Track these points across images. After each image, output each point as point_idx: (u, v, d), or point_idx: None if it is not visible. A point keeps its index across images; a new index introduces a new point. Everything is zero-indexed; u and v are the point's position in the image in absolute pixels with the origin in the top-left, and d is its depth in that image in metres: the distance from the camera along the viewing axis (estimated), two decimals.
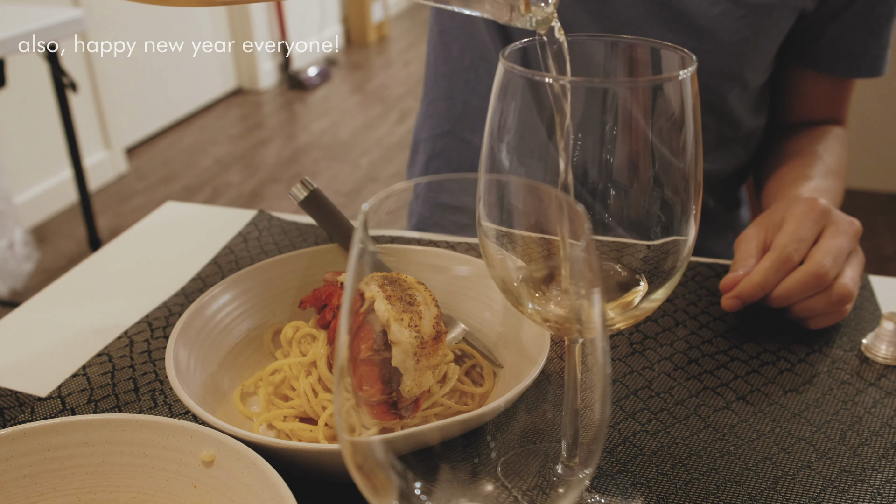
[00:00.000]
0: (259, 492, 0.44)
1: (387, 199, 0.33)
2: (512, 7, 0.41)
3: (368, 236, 0.31)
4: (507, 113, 0.41)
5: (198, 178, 3.24)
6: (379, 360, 0.46)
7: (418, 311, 0.48)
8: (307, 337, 0.60)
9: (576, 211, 0.33)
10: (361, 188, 3.15)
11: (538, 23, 0.41)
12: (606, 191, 0.41)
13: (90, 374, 0.62)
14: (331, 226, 0.68)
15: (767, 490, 0.52)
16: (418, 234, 0.85)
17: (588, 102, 0.39)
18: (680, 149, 0.40)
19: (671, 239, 0.42)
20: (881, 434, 0.57)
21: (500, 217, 0.42)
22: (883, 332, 0.65)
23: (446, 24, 0.98)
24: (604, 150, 0.41)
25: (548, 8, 0.41)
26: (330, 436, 0.54)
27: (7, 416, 0.58)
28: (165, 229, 0.88)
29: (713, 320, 0.70)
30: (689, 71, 0.39)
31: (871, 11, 0.87)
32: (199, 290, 0.73)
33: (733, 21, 0.83)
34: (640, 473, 0.53)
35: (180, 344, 0.56)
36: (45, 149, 2.87)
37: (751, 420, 0.58)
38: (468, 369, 0.57)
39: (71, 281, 0.78)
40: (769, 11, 0.84)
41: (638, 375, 0.63)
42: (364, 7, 5.09)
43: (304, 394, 0.56)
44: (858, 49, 0.90)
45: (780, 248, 0.66)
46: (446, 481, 0.40)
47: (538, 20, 0.41)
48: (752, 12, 0.83)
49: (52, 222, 2.88)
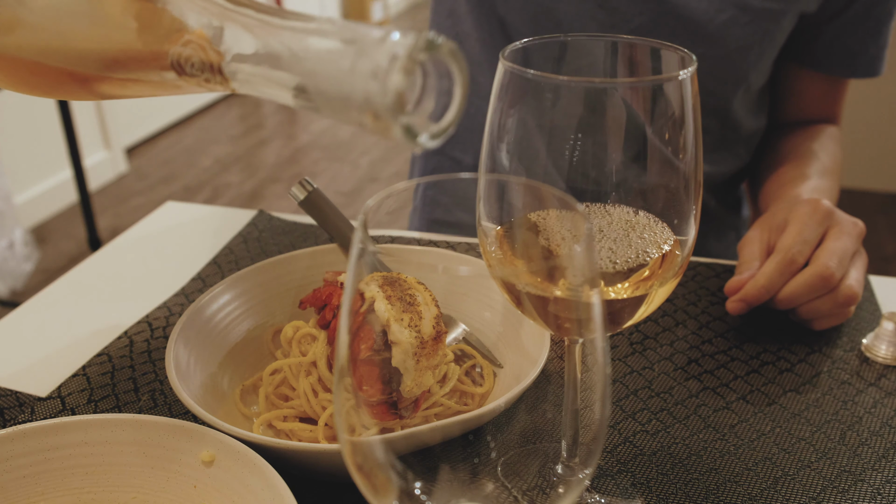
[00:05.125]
0: (259, 492, 0.44)
1: (387, 199, 0.33)
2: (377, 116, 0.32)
3: (368, 236, 0.31)
4: (507, 113, 0.41)
5: (198, 178, 3.24)
6: (379, 360, 0.46)
7: (418, 311, 0.48)
8: (307, 337, 0.60)
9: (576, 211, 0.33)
10: (361, 188, 3.15)
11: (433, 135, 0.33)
12: (606, 191, 0.41)
13: (90, 374, 0.62)
14: (331, 226, 0.68)
15: (767, 490, 0.52)
16: (418, 235, 0.85)
17: (588, 102, 0.39)
18: (680, 149, 0.40)
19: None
20: (881, 434, 0.57)
21: (499, 217, 0.42)
22: (883, 332, 0.65)
23: None
24: (604, 150, 0.41)
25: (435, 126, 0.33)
26: (330, 436, 0.54)
27: (7, 416, 0.58)
28: (165, 229, 0.88)
29: (713, 320, 0.70)
30: (689, 71, 0.39)
31: (869, 12, 0.87)
32: (199, 290, 0.73)
33: (740, 27, 0.83)
34: (640, 473, 0.53)
35: (180, 344, 0.56)
36: (45, 149, 2.87)
37: (751, 420, 0.58)
38: (468, 369, 0.57)
39: (71, 281, 0.78)
40: (775, 16, 0.84)
41: (638, 375, 0.63)
42: (364, 7, 5.09)
43: (304, 394, 0.56)
44: (857, 49, 0.90)
45: (785, 250, 0.65)
46: (446, 481, 0.40)
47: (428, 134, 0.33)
48: (758, 18, 0.83)
49: (52, 222, 2.88)
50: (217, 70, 0.37)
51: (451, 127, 0.33)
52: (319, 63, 0.33)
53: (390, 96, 0.31)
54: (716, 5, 0.82)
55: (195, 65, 0.37)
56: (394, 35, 0.31)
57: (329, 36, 0.33)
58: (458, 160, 0.98)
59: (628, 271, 0.41)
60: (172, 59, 0.38)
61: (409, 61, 0.31)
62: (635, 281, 0.41)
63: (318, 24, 0.34)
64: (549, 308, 0.38)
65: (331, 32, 0.33)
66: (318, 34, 0.33)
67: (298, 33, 0.34)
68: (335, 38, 0.33)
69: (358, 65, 0.31)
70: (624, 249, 0.41)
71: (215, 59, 0.36)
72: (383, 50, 0.31)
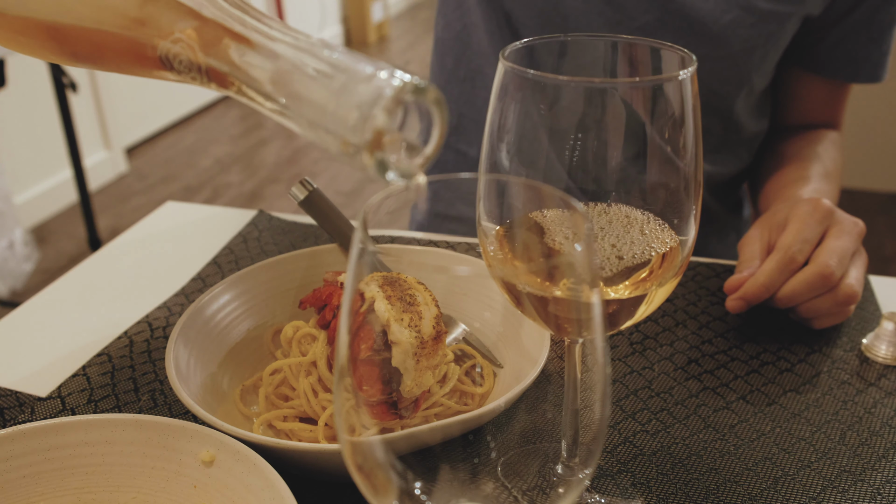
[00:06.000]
0: (259, 492, 0.44)
1: (387, 199, 0.33)
2: (352, 148, 0.32)
3: (368, 236, 0.31)
4: (507, 113, 0.41)
5: (198, 178, 3.24)
6: (379, 360, 0.46)
7: (418, 311, 0.48)
8: (307, 337, 0.60)
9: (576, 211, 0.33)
10: (361, 188, 3.15)
11: (402, 174, 0.33)
12: (607, 191, 0.41)
13: (90, 374, 0.62)
14: (331, 226, 0.68)
15: (767, 490, 0.52)
16: (418, 235, 0.85)
17: (588, 102, 0.39)
18: (680, 149, 0.40)
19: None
20: (881, 434, 0.57)
21: (499, 217, 0.42)
22: (883, 332, 0.65)
23: (440, 35, 0.98)
24: (604, 150, 0.41)
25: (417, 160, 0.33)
26: (330, 436, 0.54)
27: (7, 416, 0.58)
28: (165, 229, 0.88)
29: (713, 320, 0.70)
30: (689, 71, 0.39)
31: (872, 17, 0.87)
32: (199, 290, 0.73)
33: (745, 28, 0.83)
34: (640, 473, 0.53)
35: (180, 344, 0.56)
36: (45, 149, 2.87)
37: (751, 420, 0.58)
38: (468, 369, 0.57)
39: (71, 281, 0.78)
40: (779, 18, 0.84)
41: (638, 375, 0.63)
42: (364, 7, 5.09)
43: (304, 394, 0.56)
44: (859, 54, 0.90)
45: (785, 248, 0.66)
46: (446, 481, 0.40)
47: (398, 173, 0.33)
48: (763, 19, 0.83)
49: (52, 222, 2.88)
50: (204, 72, 0.37)
51: (420, 169, 0.34)
52: (305, 85, 0.33)
53: (368, 133, 0.31)
54: (721, 6, 0.82)
55: (183, 62, 0.37)
56: (383, 73, 0.31)
57: (321, 61, 0.33)
58: (463, 153, 0.98)
59: (628, 271, 0.41)
60: (161, 54, 0.38)
61: (394, 102, 0.31)
62: (635, 281, 0.41)
63: (313, 45, 0.34)
64: (549, 308, 0.38)
65: (323, 58, 0.33)
66: (311, 56, 0.33)
67: (291, 49, 0.34)
68: (326, 63, 0.33)
69: (343, 95, 0.32)
70: (624, 249, 0.41)
71: (203, 61, 0.36)
72: (371, 86, 0.31)
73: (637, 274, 0.42)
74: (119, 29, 0.39)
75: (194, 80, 0.38)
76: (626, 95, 0.39)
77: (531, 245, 0.42)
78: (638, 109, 0.39)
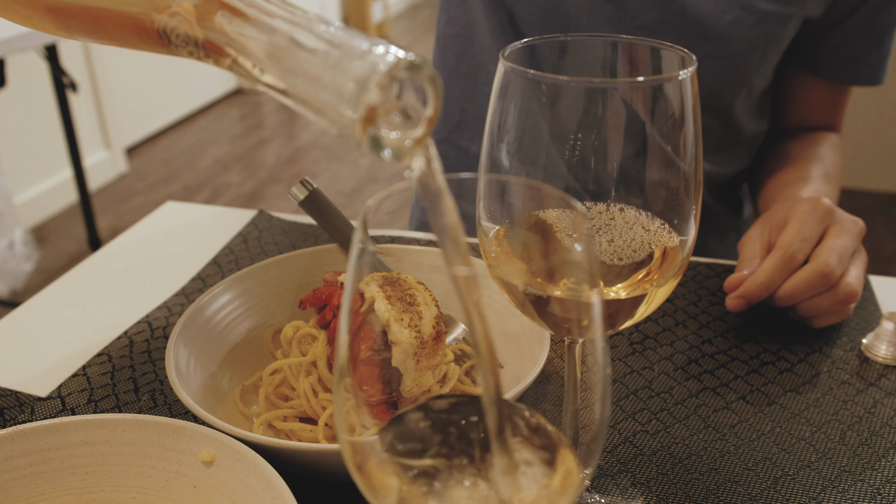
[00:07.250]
0: (259, 492, 0.44)
1: (387, 199, 0.33)
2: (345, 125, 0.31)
3: (368, 236, 0.31)
4: (507, 113, 0.41)
5: (198, 178, 3.24)
6: (379, 360, 0.46)
7: (418, 311, 0.48)
8: (307, 337, 0.60)
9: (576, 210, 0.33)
10: (361, 188, 3.15)
11: (395, 154, 0.32)
12: (606, 191, 0.41)
13: (90, 374, 0.62)
14: (331, 226, 0.68)
15: (767, 490, 0.52)
16: (418, 235, 0.85)
17: (588, 102, 0.39)
18: (680, 149, 0.40)
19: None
20: (881, 434, 0.57)
21: (500, 217, 0.42)
22: (883, 332, 0.65)
23: (442, 31, 0.98)
24: (604, 149, 0.40)
25: (414, 131, 0.32)
26: (330, 436, 0.54)
27: (7, 416, 0.58)
28: (165, 229, 0.88)
29: (713, 320, 0.70)
30: (689, 71, 0.39)
31: (873, 20, 0.87)
32: (199, 290, 0.73)
33: (745, 28, 0.83)
34: (640, 473, 0.53)
35: (180, 344, 0.56)
36: (45, 149, 2.87)
37: (751, 420, 0.58)
38: (468, 369, 0.57)
39: (71, 281, 0.78)
40: (780, 19, 0.84)
41: (638, 375, 0.63)
42: (364, 7, 5.09)
43: (304, 394, 0.56)
44: (859, 57, 0.90)
45: (785, 247, 0.66)
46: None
47: (392, 151, 0.32)
48: (763, 20, 0.83)
49: (52, 222, 2.88)
50: (201, 45, 0.37)
51: (415, 148, 0.33)
52: (300, 59, 0.33)
53: (362, 108, 0.31)
54: (722, 6, 0.83)
55: (180, 36, 0.37)
56: (378, 49, 0.31)
57: (316, 36, 0.33)
58: (464, 149, 0.98)
59: (628, 271, 0.41)
60: (159, 27, 0.38)
61: (388, 77, 0.31)
62: (635, 281, 0.41)
63: (309, 20, 0.34)
64: (549, 308, 0.38)
65: (319, 33, 0.33)
66: (307, 30, 0.33)
67: (287, 23, 0.34)
68: (322, 38, 0.33)
69: (338, 70, 0.31)
70: (624, 249, 0.41)
71: (200, 35, 0.36)
72: (365, 62, 0.31)
73: (637, 274, 0.42)
74: (116, 4, 0.39)
75: (191, 55, 0.38)
76: (627, 95, 0.39)
77: (531, 245, 0.42)
78: (638, 109, 0.39)
